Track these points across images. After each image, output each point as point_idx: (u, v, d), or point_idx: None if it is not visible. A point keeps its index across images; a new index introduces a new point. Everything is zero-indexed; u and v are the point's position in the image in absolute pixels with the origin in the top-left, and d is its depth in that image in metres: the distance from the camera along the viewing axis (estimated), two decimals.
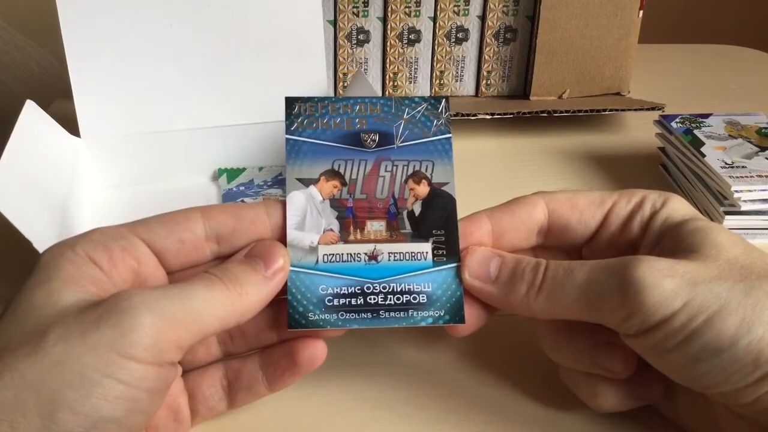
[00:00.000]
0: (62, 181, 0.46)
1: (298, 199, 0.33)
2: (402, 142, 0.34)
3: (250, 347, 0.33)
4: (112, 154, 0.51)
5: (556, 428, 0.34)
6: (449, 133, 0.35)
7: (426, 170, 0.34)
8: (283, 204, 0.32)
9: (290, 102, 0.35)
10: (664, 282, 0.28)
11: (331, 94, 0.65)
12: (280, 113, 0.35)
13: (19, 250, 0.36)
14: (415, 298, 0.32)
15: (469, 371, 0.37)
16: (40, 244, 0.36)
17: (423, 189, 0.34)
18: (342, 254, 0.32)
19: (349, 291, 0.32)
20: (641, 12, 0.64)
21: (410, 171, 0.34)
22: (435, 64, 0.66)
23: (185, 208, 0.32)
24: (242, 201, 0.50)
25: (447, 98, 0.35)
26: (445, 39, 0.65)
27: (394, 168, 0.34)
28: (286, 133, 0.34)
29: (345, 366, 0.37)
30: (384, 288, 0.32)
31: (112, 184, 0.52)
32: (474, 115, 0.61)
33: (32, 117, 0.45)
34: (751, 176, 0.47)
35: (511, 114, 0.62)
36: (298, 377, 0.32)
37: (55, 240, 0.39)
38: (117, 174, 0.52)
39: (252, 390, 0.33)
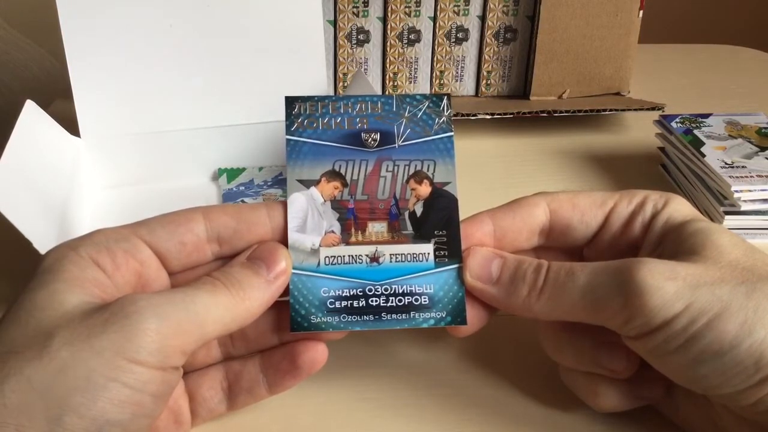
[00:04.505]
0: (62, 181, 0.46)
1: (299, 201, 0.33)
2: (403, 141, 0.34)
3: (251, 349, 0.33)
4: (112, 154, 0.51)
5: (556, 428, 0.34)
6: (451, 131, 0.34)
7: (428, 170, 0.34)
8: (285, 206, 0.32)
9: (290, 102, 0.34)
10: (665, 285, 0.28)
11: (332, 94, 0.65)
12: (280, 113, 0.34)
13: (19, 250, 0.36)
14: (417, 300, 0.32)
15: (469, 371, 0.37)
16: (40, 244, 0.36)
17: (425, 189, 0.34)
18: (344, 256, 0.32)
19: (351, 293, 0.32)
20: (641, 12, 0.64)
21: (412, 171, 0.34)
22: (435, 64, 0.66)
23: (186, 208, 0.32)
24: (242, 201, 0.50)
25: (448, 96, 0.35)
26: (445, 39, 0.65)
27: (396, 168, 0.34)
28: (287, 134, 0.34)
29: (345, 366, 0.37)
30: (386, 290, 0.32)
31: (112, 184, 0.52)
32: (474, 115, 0.61)
33: (32, 117, 0.45)
34: (751, 176, 0.47)
35: (511, 114, 0.62)
36: (298, 380, 0.32)
37: (55, 240, 0.39)
38: (117, 174, 0.52)
39: (252, 392, 0.33)
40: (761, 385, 0.27)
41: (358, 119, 0.34)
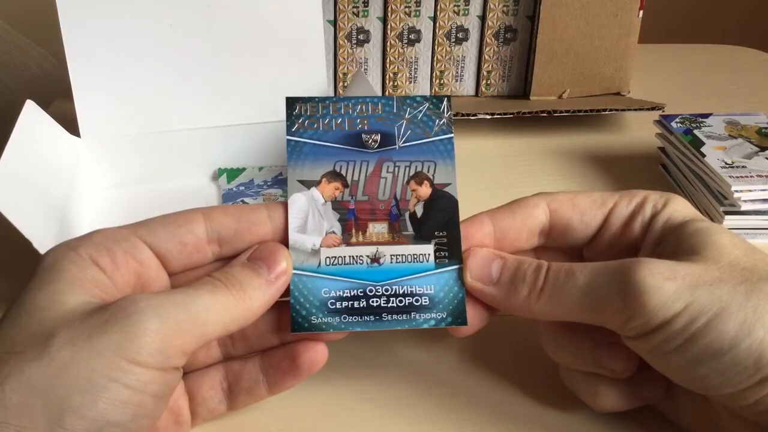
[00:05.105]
0: (62, 181, 0.46)
1: (299, 202, 0.33)
2: (404, 142, 0.34)
3: (251, 349, 0.33)
4: (112, 154, 0.51)
5: (556, 428, 0.34)
6: (451, 133, 0.34)
7: (428, 171, 0.34)
8: (285, 206, 0.32)
9: (291, 102, 0.34)
10: (664, 284, 0.28)
11: (331, 94, 0.65)
12: (280, 113, 0.35)
13: (19, 250, 0.36)
14: (417, 301, 0.32)
15: (469, 371, 0.37)
16: (40, 244, 0.36)
17: (425, 190, 0.34)
18: (344, 257, 0.32)
19: (352, 294, 0.32)
20: (641, 12, 0.64)
21: (412, 172, 0.34)
22: (435, 64, 0.66)
23: (187, 209, 0.32)
24: (242, 201, 0.50)
25: (449, 98, 0.35)
26: (445, 39, 0.65)
27: (396, 169, 0.34)
28: (287, 134, 0.34)
29: (346, 366, 0.37)
30: (386, 290, 0.32)
31: (112, 184, 0.52)
32: (474, 115, 0.61)
33: (32, 117, 0.45)
34: (751, 176, 0.47)
35: (511, 114, 0.62)
36: (298, 380, 0.32)
37: (54, 240, 0.39)
38: (117, 174, 0.52)
39: (252, 392, 0.33)
40: (761, 385, 0.27)
41: (358, 120, 0.34)
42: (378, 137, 0.34)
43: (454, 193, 0.34)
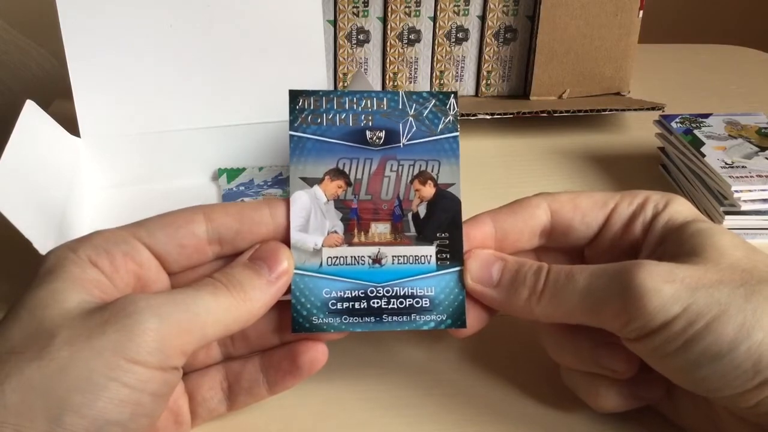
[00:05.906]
0: (62, 181, 0.46)
1: (302, 200, 0.32)
2: (408, 140, 0.33)
3: (251, 349, 0.33)
4: (112, 154, 0.51)
5: (556, 428, 0.34)
6: (456, 131, 0.34)
7: (432, 170, 0.33)
8: (287, 204, 0.32)
9: (294, 96, 0.33)
10: (663, 287, 0.28)
11: None
12: (280, 113, 0.34)
13: (19, 250, 0.36)
14: (417, 302, 0.32)
15: (469, 371, 0.37)
16: (40, 244, 0.36)
17: (429, 190, 0.33)
18: (346, 257, 0.32)
19: (353, 295, 0.32)
20: (641, 12, 0.64)
21: (416, 171, 0.33)
22: (435, 64, 0.66)
23: (187, 208, 0.31)
24: (242, 201, 0.50)
25: (455, 93, 0.34)
26: (445, 39, 0.65)
27: (400, 168, 0.33)
28: (290, 129, 0.33)
29: (346, 365, 0.37)
30: (387, 292, 0.32)
31: (112, 184, 0.52)
32: (474, 115, 0.61)
33: (32, 117, 0.45)
34: (751, 176, 0.47)
35: (511, 114, 0.62)
36: (299, 380, 0.32)
37: (55, 240, 0.39)
38: (117, 174, 0.52)
39: (252, 392, 0.33)
40: (760, 388, 0.27)
41: (363, 116, 0.33)
42: (382, 134, 0.33)
43: (457, 193, 0.33)
